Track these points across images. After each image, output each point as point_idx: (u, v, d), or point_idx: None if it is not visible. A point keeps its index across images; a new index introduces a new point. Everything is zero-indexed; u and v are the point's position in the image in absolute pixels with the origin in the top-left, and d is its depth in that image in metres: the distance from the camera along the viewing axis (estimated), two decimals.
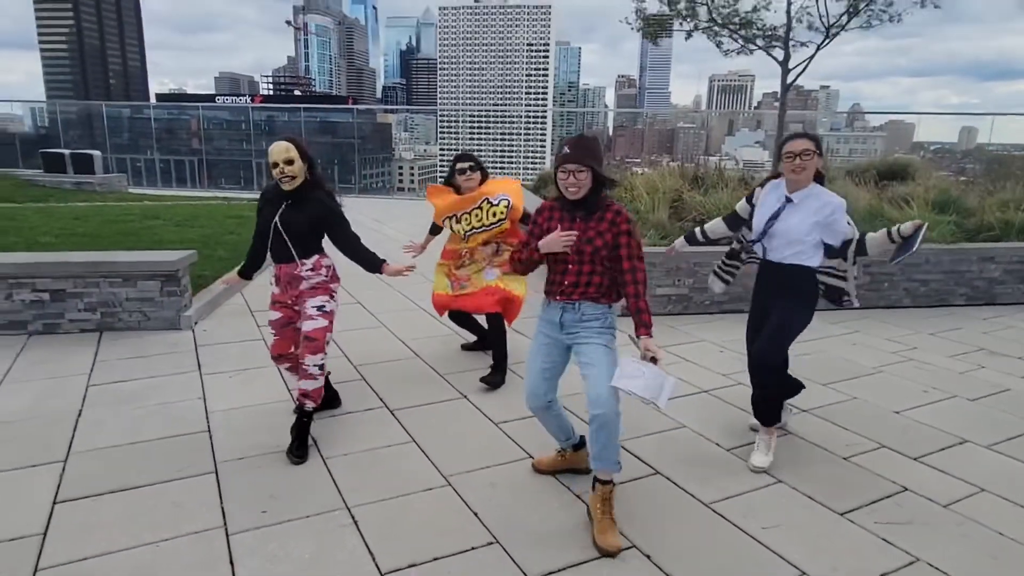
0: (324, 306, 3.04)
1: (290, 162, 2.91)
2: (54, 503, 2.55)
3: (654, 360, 2.26)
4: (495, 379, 3.77)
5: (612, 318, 2.48)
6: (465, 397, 3.64)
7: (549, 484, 2.76)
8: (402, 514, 2.53)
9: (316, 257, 3.07)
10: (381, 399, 3.58)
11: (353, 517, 2.50)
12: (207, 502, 2.58)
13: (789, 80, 7.93)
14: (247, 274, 3.31)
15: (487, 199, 3.67)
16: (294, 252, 3.02)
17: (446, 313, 4.17)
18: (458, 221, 3.75)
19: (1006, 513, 2.59)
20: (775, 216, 2.82)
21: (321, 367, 2.99)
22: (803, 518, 2.54)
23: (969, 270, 5.69)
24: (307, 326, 2.99)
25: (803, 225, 2.76)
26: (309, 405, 3.02)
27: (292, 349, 3.16)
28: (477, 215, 3.71)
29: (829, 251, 2.81)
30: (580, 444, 2.82)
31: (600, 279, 2.43)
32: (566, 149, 2.32)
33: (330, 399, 3.45)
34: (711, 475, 2.84)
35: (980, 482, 2.81)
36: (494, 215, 3.67)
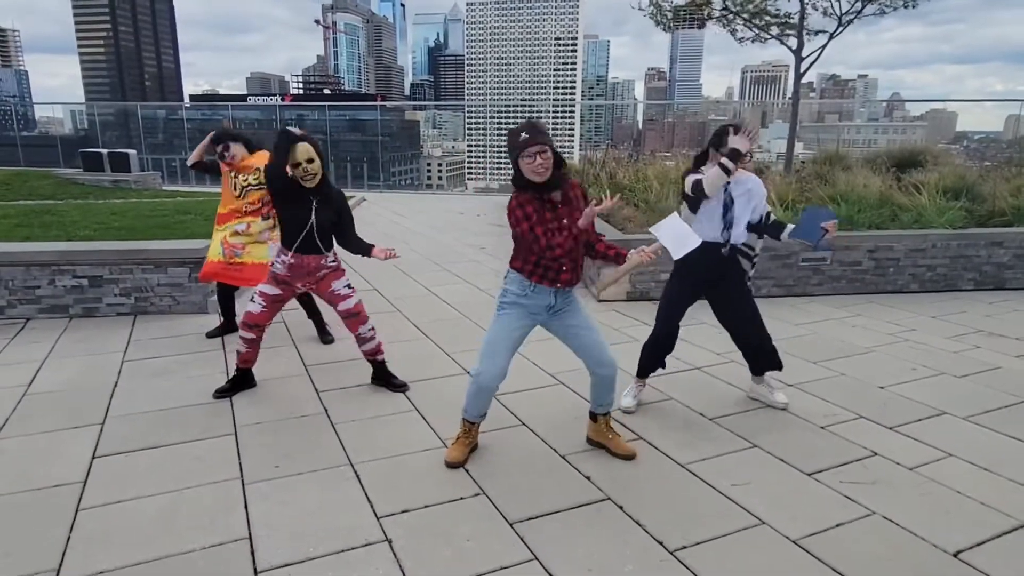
0: (349, 283, 3.51)
1: (311, 161, 3.19)
2: (93, 458, 2.88)
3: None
4: (329, 337, 4.44)
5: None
6: (467, 372, 3.87)
7: (538, 448, 3.00)
8: (400, 470, 2.80)
9: (334, 247, 3.46)
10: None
11: (356, 471, 2.78)
12: (227, 458, 2.88)
13: (803, 69, 7.96)
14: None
15: (259, 168, 4.14)
16: (322, 247, 3.37)
17: (215, 282, 4.50)
18: (240, 172, 4.20)
19: (968, 475, 2.73)
20: (728, 205, 3.10)
21: (373, 328, 3.57)
22: (771, 477, 2.73)
23: (977, 255, 5.71)
24: (346, 305, 3.46)
25: (744, 208, 3.09)
26: (380, 357, 3.65)
27: (270, 321, 3.56)
28: (256, 175, 4.15)
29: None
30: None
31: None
32: (524, 135, 2.43)
33: (246, 379, 3.62)
34: (691, 440, 3.04)
35: (949, 448, 2.96)
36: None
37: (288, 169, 3.20)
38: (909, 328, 4.78)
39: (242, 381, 3.65)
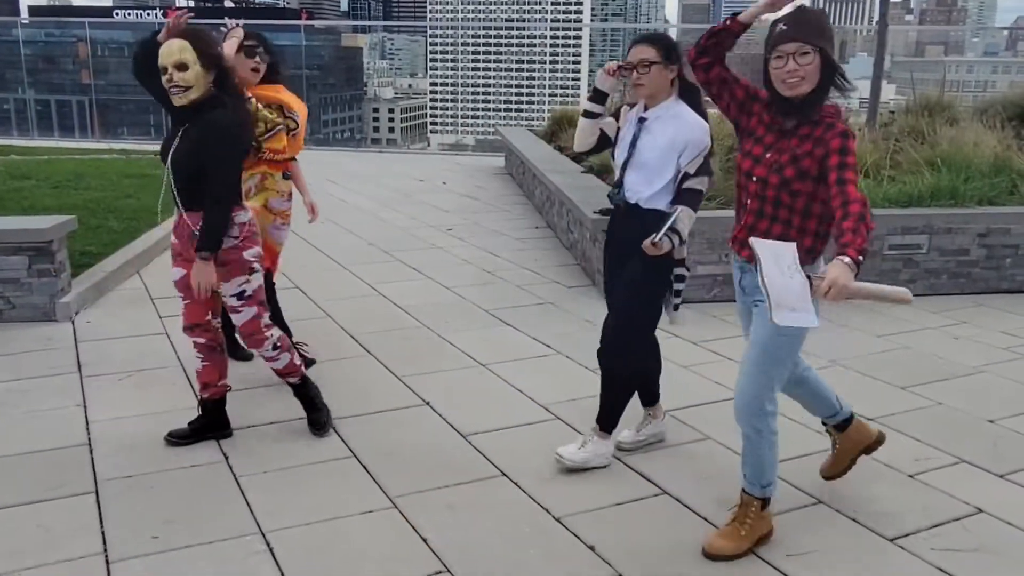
0: (244, 291, 3.32)
1: (182, 67, 3.07)
2: None
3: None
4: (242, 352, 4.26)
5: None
6: (427, 404, 3.94)
7: (524, 507, 3.06)
8: (331, 540, 2.83)
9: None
10: None
11: (268, 543, 2.81)
12: (84, 526, 2.89)
13: None
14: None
15: (282, 107, 4.04)
16: (179, 201, 3.27)
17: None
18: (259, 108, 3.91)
19: None
20: (633, 142, 3.16)
21: (276, 346, 3.47)
22: (841, 544, 2.82)
23: None
24: (236, 320, 3.39)
25: (654, 152, 3.11)
26: (293, 379, 3.59)
27: (208, 317, 3.44)
28: (274, 113, 3.98)
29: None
30: (847, 420, 3.04)
31: (787, 228, 2.54)
32: (782, 26, 2.47)
33: (219, 424, 3.58)
34: (731, 495, 3.09)
35: None
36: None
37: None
38: None
39: (212, 419, 3.55)
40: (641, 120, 3.17)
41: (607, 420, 3.34)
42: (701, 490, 3.16)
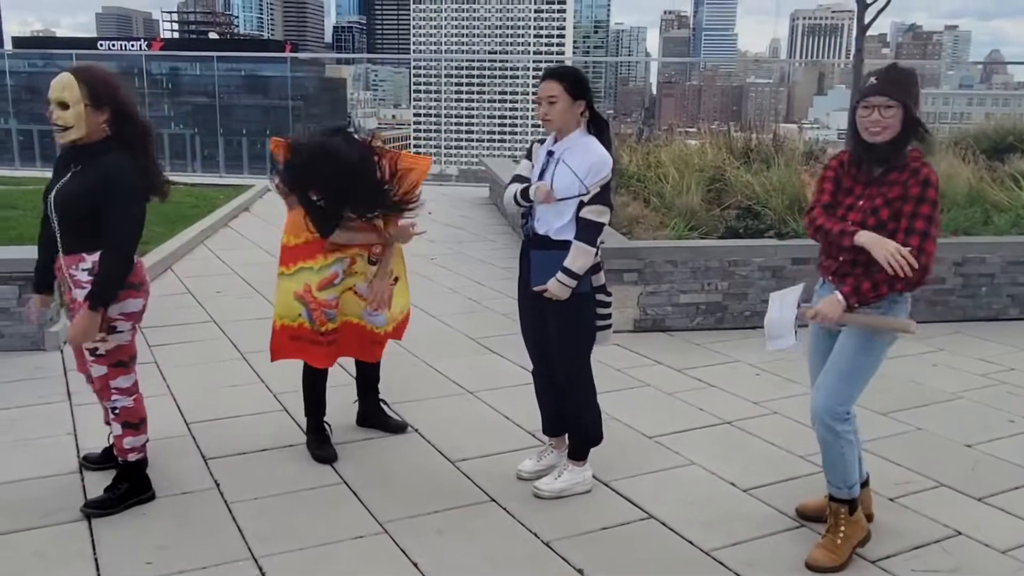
0: (97, 348, 3.10)
1: (63, 105, 2.91)
2: None
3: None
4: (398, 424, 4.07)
5: (900, 307, 2.79)
6: (416, 431, 3.99)
7: (514, 532, 3.11)
8: (323, 565, 2.88)
9: (99, 255, 3.01)
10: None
11: (261, 569, 2.85)
12: (78, 552, 2.92)
13: (868, 19, 8.33)
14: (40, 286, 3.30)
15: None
16: (59, 242, 3.05)
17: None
18: None
19: None
20: (542, 174, 3.23)
21: (115, 411, 3.18)
22: None
23: None
24: (92, 371, 3.18)
25: (563, 181, 3.15)
26: (120, 458, 3.25)
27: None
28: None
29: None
30: (863, 483, 3.07)
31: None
32: (873, 80, 2.73)
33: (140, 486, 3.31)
34: (717, 519, 3.20)
35: None
36: None
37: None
38: (1006, 367, 5.04)
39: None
40: (550, 153, 3.25)
41: (578, 451, 3.43)
42: (687, 514, 3.23)
